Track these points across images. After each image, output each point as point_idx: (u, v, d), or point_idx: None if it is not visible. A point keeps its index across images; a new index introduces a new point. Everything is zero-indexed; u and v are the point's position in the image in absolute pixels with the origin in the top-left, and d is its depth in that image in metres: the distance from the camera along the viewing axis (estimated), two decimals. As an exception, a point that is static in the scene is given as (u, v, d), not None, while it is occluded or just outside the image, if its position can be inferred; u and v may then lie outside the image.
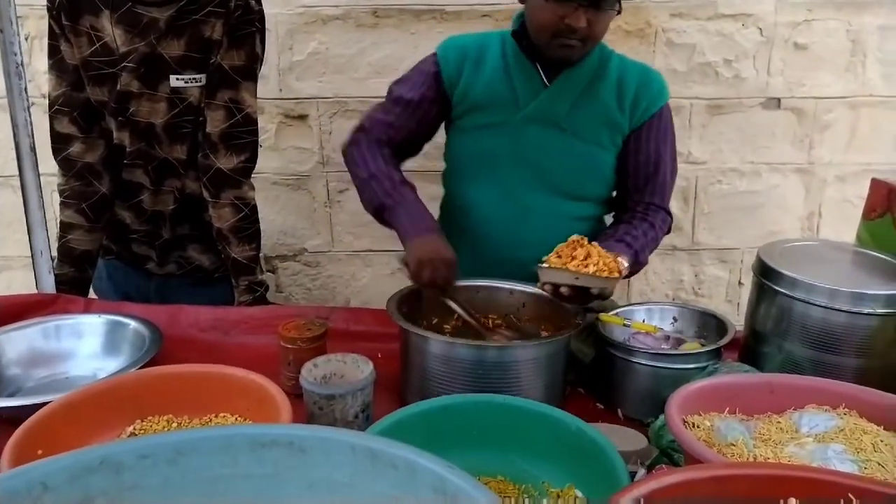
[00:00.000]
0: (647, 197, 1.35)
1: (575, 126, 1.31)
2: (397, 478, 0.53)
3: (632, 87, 1.31)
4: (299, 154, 2.10)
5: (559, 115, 1.31)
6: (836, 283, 1.02)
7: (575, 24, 1.17)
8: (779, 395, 0.88)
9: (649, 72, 1.35)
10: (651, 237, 1.32)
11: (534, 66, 1.30)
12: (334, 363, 0.99)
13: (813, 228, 2.19)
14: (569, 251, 1.09)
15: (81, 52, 1.37)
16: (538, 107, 1.31)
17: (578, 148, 1.32)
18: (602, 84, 1.30)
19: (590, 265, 1.05)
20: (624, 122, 1.32)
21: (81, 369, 1.19)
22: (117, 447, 0.53)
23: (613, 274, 1.05)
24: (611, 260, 1.07)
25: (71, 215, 1.45)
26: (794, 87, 2.06)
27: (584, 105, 1.30)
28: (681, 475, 0.56)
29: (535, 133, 1.32)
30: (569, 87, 1.30)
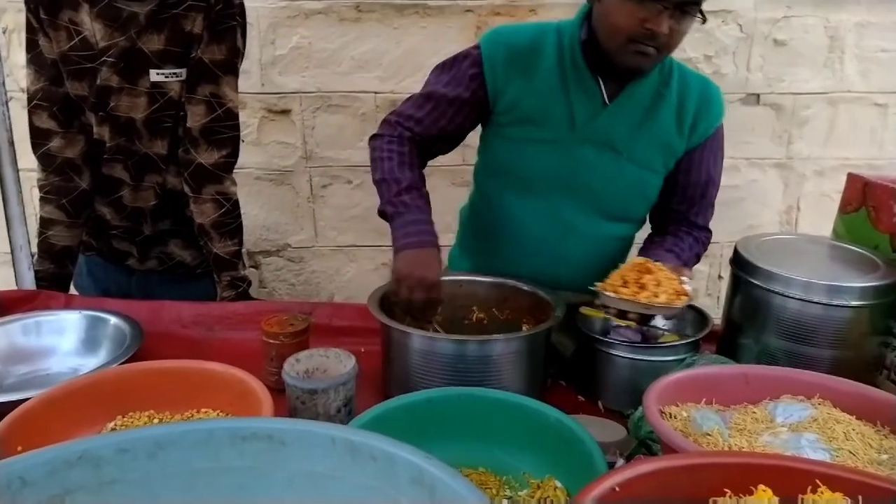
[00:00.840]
0: (692, 216, 1.32)
1: (631, 150, 1.24)
2: (377, 469, 0.54)
3: (692, 109, 1.23)
4: (282, 149, 2.10)
5: (617, 138, 1.23)
6: (811, 275, 1.04)
7: (657, 29, 1.06)
8: (754, 386, 0.90)
9: (709, 87, 1.27)
10: (695, 252, 1.30)
11: (595, 82, 1.20)
12: (317, 358, 0.99)
13: (791, 222, 2.23)
14: (634, 276, 1.05)
15: (60, 46, 1.36)
16: (596, 127, 1.22)
17: (630, 171, 1.25)
18: (663, 105, 1.22)
19: (660, 294, 1.02)
20: (681, 146, 1.26)
21: (62, 365, 1.18)
22: (96, 442, 0.53)
23: (682, 298, 1.03)
24: (676, 281, 1.04)
25: (51, 211, 1.44)
26: (774, 83, 2.09)
27: (643, 129, 1.23)
28: (656, 464, 0.58)
29: (589, 154, 1.24)
30: (630, 107, 1.22)
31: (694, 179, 1.29)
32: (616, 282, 1.06)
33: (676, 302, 1.02)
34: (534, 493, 0.81)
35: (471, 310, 1.26)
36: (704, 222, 1.34)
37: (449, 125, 1.28)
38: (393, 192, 1.22)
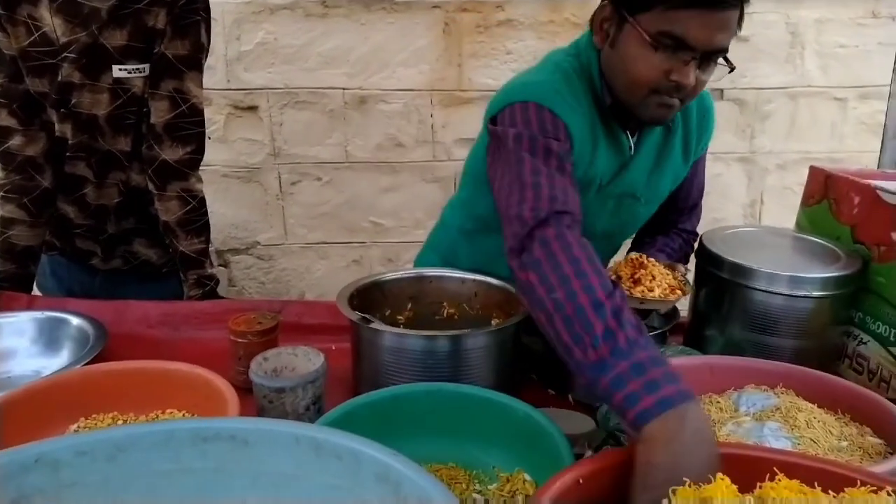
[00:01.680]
0: (681, 224, 1.33)
1: (649, 193, 1.21)
2: (342, 468, 0.54)
3: (694, 128, 1.20)
4: (250, 146, 2.08)
5: (638, 186, 1.18)
6: (774, 267, 1.05)
7: (683, 81, 0.95)
8: (718, 376, 0.91)
9: (705, 100, 1.22)
10: (685, 252, 1.31)
11: (625, 135, 1.11)
12: (285, 356, 0.98)
13: (755, 215, 2.27)
14: (629, 271, 1.05)
15: (19, 42, 1.32)
16: (622, 182, 1.15)
17: (644, 212, 1.25)
18: (673, 141, 1.18)
19: (655, 288, 1.02)
20: (685, 171, 1.26)
21: (24, 368, 1.15)
22: (53, 444, 0.52)
23: (676, 292, 1.03)
24: (670, 278, 1.05)
25: (12, 210, 1.40)
26: (736, 79, 2.12)
27: (659, 169, 1.19)
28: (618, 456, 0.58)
29: (610, 205, 1.18)
30: (647, 154, 1.16)
31: (686, 191, 1.31)
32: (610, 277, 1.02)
33: (671, 296, 1.03)
34: (503, 486, 0.82)
35: (441, 305, 1.26)
36: (692, 227, 1.36)
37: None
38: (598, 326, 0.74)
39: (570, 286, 0.77)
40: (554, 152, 0.97)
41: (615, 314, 0.74)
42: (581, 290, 0.76)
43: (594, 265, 0.80)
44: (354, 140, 2.09)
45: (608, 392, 0.70)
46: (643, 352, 0.71)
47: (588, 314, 0.74)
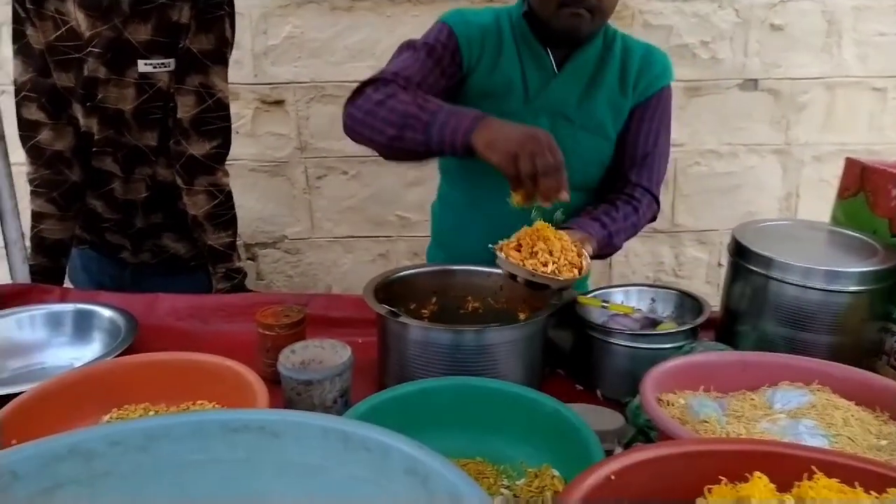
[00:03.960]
0: (634, 178, 1.31)
1: (583, 117, 1.27)
2: (370, 460, 0.53)
3: (634, 68, 1.27)
4: (277, 140, 2.09)
5: (568, 105, 1.26)
6: (809, 261, 1.03)
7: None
8: (752, 373, 0.89)
9: (653, 52, 1.31)
10: (631, 222, 1.29)
11: (545, 52, 1.25)
12: (312, 349, 0.98)
13: (791, 209, 2.22)
14: (529, 242, 1.03)
15: (47, 36, 1.34)
16: (548, 97, 1.26)
17: (585, 141, 1.28)
18: (607, 68, 1.27)
19: (549, 264, 0.99)
20: (626, 105, 1.29)
21: (57, 359, 1.17)
22: (87, 434, 0.53)
23: (572, 272, 1.00)
24: (573, 254, 1.02)
25: (42, 205, 1.43)
26: (771, 69, 2.07)
27: (591, 94, 1.27)
28: (651, 452, 0.57)
29: (544, 125, 1.24)
30: (577, 74, 1.26)
31: (635, 139, 1.30)
32: (512, 244, 1.03)
33: (564, 274, 0.99)
34: (531, 481, 0.81)
35: (465, 299, 1.26)
36: (649, 185, 1.32)
37: (438, 90, 1.21)
38: (409, 98, 1.09)
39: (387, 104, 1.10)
40: (419, 47, 1.21)
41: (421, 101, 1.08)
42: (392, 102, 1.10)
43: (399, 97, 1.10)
44: (381, 134, 2.08)
45: (447, 137, 1.04)
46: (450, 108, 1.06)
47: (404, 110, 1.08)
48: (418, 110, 1.08)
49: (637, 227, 1.32)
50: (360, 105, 1.15)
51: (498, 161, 0.99)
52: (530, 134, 0.99)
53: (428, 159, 1.17)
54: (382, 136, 1.11)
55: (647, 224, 1.35)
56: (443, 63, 1.22)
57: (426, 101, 1.10)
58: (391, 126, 1.09)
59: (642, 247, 2.24)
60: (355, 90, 1.18)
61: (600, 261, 2.23)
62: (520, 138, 0.98)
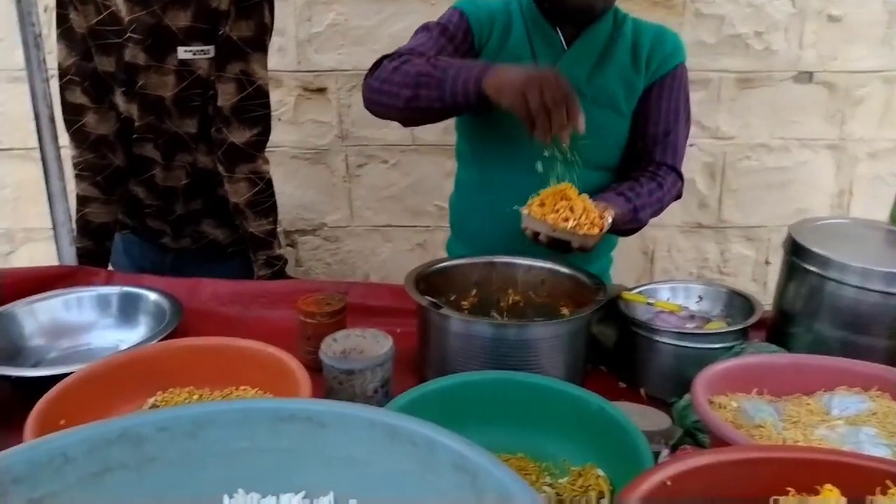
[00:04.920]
0: (657, 156, 1.32)
1: (594, 91, 1.27)
2: (417, 454, 0.53)
3: (646, 46, 1.28)
4: (318, 128, 2.09)
5: (578, 80, 1.26)
6: (868, 262, 0.99)
7: None
8: (807, 376, 0.86)
9: (664, 31, 1.32)
10: (656, 197, 1.29)
11: (554, 30, 1.27)
12: (353, 338, 0.98)
13: (843, 206, 2.14)
14: (553, 200, 1.07)
15: (88, 20, 1.35)
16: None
17: (597, 115, 1.26)
18: (618, 46, 1.28)
19: (570, 220, 1.03)
20: (639, 82, 1.29)
21: (103, 341, 1.19)
22: (137, 419, 0.53)
23: (593, 230, 1.04)
24: (595, 215, 1.05)
25: (86, 188, 1.44)
26: (827, 61, 2.00)
27: (602, 69, 1.28)
28: (708, 457, 0.55)
29: None
30: (587, 50, 1.27)
31: (655, 118, 1.31)
32: (536, 202, 1.08)
33: (585, 229, 1.03)
34: (575, 480, 0.79)
35: (506, 292, 1.24)
36: (673, 162, 1.33)
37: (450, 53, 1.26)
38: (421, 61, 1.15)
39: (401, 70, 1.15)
40: (432, 28, 1.26)
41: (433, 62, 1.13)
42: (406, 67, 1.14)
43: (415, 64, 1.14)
44: (421, 123, 2.07)
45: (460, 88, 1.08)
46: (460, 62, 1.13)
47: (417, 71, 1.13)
48: (431, 69, 1.12)
49: (662, 204, 1.32)
50: (377, 76, 1.20)
51: (509, 101, 1.03)
52: (536, 71, 1.04)
53: (444, 117, 1.22)
54: (398, 99, 1.16)
55: (672, 202, 1.35)
56: (455, 41, 1.26)
57: (438, 60, 1.15)
58: (406, 87, 1.14)
59: (686, 242, 2.18)
60: (373, 65, 1.23)
61: (642, 256, 2.20)
62: (526, 76, 1.02)
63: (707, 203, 2.12)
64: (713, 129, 2.05)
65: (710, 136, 2.05)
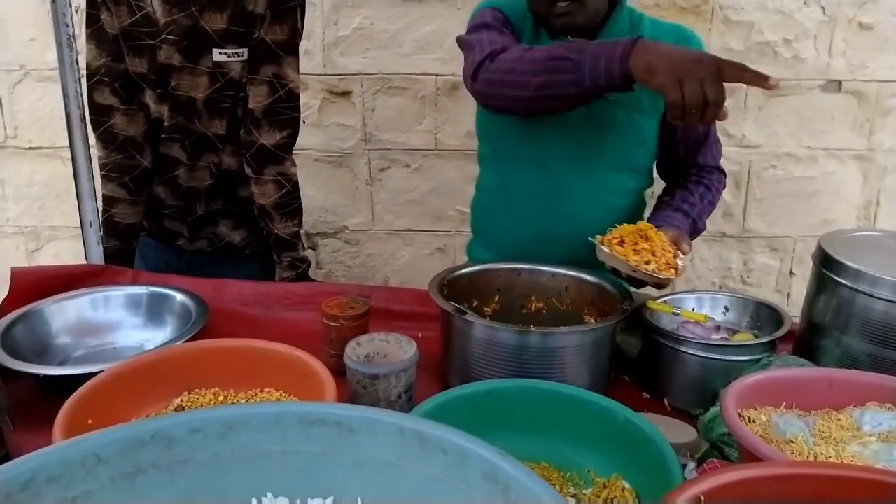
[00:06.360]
0: (701, 159, 1.33)
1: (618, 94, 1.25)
2: (447, 462, 0.52)
3: None
4: (342, 131, 2.10)
5: None
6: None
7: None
8: (838, 391, 0.84)
9: (684, 31, 1.29)
10: (708, 200, 1.30)
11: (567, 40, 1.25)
12: (377, 342, 0.98)
13: (870, 218, 2.11)
14: (632, 239, 1.08)
15: (121, 21, 1.36)
16: None
17: (621, 115, 1.26)
18: None
19: (651, 262, 1.05)
20: None
21: (129, 340, 1.20)
22: (168, 421, 0.53)
23: (670, 272, 1.05)
24: (671, 256, 1.07)
25: (114, 189, 1.45)
26: (857, 70, 1.97)
27: None
28: (741, 473, 0.54)
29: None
30: None
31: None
32: (614, 238, 1.09)
33: (664, 272, 1.04)
34: (599, 491, 0.78)
35: (529, 299, 1.23)
36: (714, 161, 1.34)
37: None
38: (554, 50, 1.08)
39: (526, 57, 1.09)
40: (490, 25, 1.21)
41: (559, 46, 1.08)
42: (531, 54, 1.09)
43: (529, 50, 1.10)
44: (444, 127, 2.07)
45: (602, 69, 1.01)
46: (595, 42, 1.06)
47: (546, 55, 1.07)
48: (564, 51, 1.05)
49: (714, 204, 1.33)
50: (495, 68, 1.12)
51: (660, 85, 0.96)
52: (696, 58, 0.95)
53: (577, 104, 1.12)
54: (527, 88, 1.08)
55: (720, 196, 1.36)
56: (512, 33, 1.25)
57: (563, 45, 1.08)
58: (537, 75, 1.07)
59: (709, 251, 2.16)
60: (476, 67, 1.14)
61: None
62: (685, 62, 0.93)
63: (731, 212, 2.10)
64: (739, 138, 2.03)
65: (736, 144, 2.02)
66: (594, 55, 1.02)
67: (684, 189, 1.29)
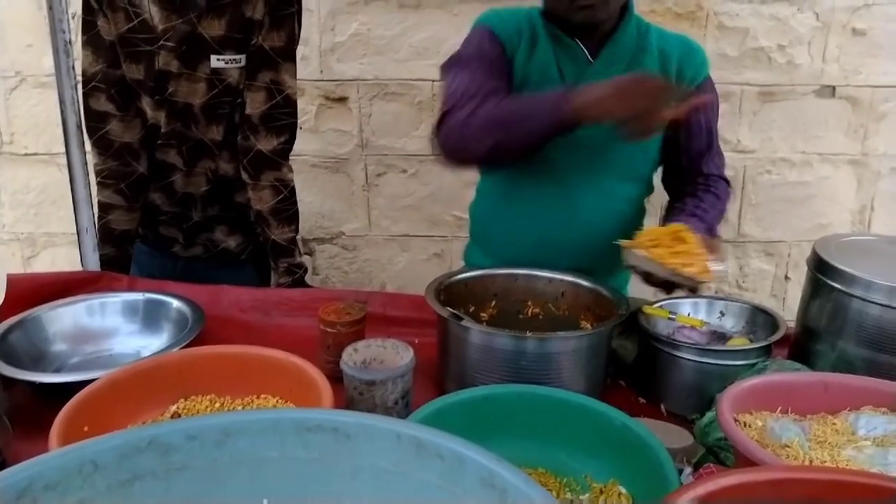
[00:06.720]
0: (706, 168, 1.33)
1: None
2: (443, 468, 0.52)
3: (674, 58, 1.28)
4: (339, 137, 2.10)
5: None
6: (895, 280, 0.97)
7: None
8: (833, 395, 0.85)
9: (689, 42, 1.32)
10: (719, 209, 1.30)
11: (576, 43, 1.26)
12: (374, 348, 0.98)
13: (864, 222, 2.12)
14: (669, 241, 1.04)
15: (118, 28, 1.36)
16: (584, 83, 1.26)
17: None
18: (645, 56, 1.27)
19: (695, 264, 1.01)
20: None
21: (125, 346, 1.20)
22: (165, 428, 0.53)
23: (706, 273, 1.01)
24: (704, 258, 1.03)
25: (110, 195, 1.45)
26: (850, 75, 1.98)
27: None
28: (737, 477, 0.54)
29: None
30: (613, 61, 1.26)
31: (696, 130, 1.31)
32: (646, 241, 1.05)
33: (704, 275, 1.01)
34: (596, 497, 0.79)
35: (525, 304, 1.23)
36: (718, 171, 1.35)
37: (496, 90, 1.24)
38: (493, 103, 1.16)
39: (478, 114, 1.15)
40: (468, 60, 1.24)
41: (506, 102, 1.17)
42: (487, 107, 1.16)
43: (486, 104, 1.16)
44: (441, 133, 2.07)
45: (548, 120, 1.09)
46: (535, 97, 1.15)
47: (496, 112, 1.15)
48: (510, 111, 1.14)
49: (724, 213, 1.34)
50: (450, 128, 1.19)
51: (608, 114, 1.04)
52: (623, 81, 1.05)
53: (530, 153, 1.18)
54: (482, 146, 1.15)
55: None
56: (495, 64, 1.26)
57: (510, 100, 1.18)
58: (489, 134, 1.14)
59: (705, 256, 2.17)
60: (436, 126, 1.22)
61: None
62: (618, 86, 1.04)
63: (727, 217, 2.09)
64: (734, 143, 2.04)
65: (731, 149, 2.03)
66: (540, 109, 1.11)
67: (694, 196, 1.29)
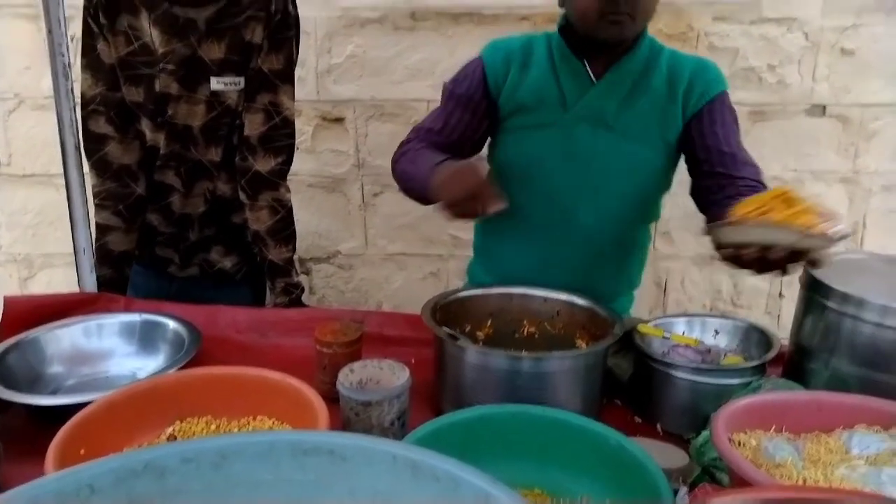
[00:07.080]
0: (740, 173, 1.23)
1: (624, 125, 1.27)
2: (439, 490, 0.53)
3: (685, 76, 1.26)
4: (335, 157, 2.12)
5: (608, 113, 1.27)
6: (887, 298, 0.98)
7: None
8: (827, 414, 0.86)
9: (705, 61, 1.31)
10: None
11: (581, 63, 1.27)
12: (370, 369, 0.98)
13: (857, 240, 2.13)
14: (779, 205, 0.87)
15: (118, 51, 1.37)
16: (586, 105, 1.27)
17: (626, 148, 1.28)
18: (653, 75, 1.26)
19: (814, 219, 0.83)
20: (676, 112, 1.27)
21: (121, 368, 1.20)
22: (161, 451, 0.53)
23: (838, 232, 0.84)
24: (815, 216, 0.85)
25: (108, 217, 1.45)
26: (840, 94, 2.01)
27: (633, 102, 1.27)
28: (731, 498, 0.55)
29: (584, 133, 1.28)
30: (617, 83, 1.26)
31: (714, 143, 1.25)
32: (754, 212, 0.89)
33: (839, 231, 0.83)
34: (592, 517, 0.79)
35: (521, 323, 1.24)
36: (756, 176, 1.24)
37: (466, 129, 1.34)
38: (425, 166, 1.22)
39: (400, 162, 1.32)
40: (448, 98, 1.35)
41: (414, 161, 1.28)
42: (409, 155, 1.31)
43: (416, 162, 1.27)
44: (436, 152, 2.09)
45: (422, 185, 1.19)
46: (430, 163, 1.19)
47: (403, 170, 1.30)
48: (411, 173, 1.27)
49: None
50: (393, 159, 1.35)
51: (442, 196, 1.12)
52: (454, 168, 1.13)
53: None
54: (399, 185, 1.33)
55: None
56: (471, 102, 1.32)
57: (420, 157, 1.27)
58: (399, 178, 1.32)
59: (699, 274, 2.18)
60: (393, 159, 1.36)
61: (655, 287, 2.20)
62: (451, 173, 1.12)
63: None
64: (727, 161, 2.05)
65: (723, 168, 2.05)
66: (418, 178, 1.22)
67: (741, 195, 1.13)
